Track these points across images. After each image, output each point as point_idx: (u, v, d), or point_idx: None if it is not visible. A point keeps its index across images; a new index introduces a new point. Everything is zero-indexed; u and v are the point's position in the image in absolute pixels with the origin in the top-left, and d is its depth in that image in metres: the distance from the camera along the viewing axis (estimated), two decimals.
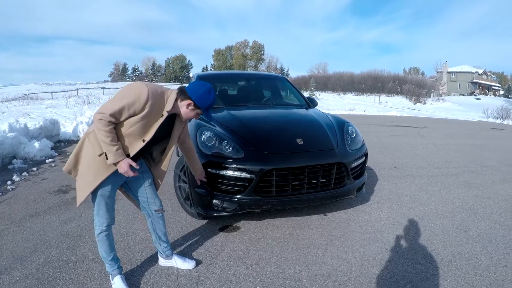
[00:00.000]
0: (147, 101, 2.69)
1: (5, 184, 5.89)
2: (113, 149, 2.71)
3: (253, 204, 4.03)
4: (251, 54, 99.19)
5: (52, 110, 19.25)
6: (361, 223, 4.55)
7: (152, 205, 3.26)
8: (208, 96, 2.87)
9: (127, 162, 2.79)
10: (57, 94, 40.86)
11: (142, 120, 2.75)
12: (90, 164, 2.84)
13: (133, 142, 2.84)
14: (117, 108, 2.66)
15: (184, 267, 3.44)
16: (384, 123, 17.17)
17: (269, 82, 7.32)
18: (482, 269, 3.51)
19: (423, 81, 68.37)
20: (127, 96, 2.68)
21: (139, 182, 3.17)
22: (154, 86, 2.80)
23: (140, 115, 2.72)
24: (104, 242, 3.06)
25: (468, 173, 7.18)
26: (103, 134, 2.68)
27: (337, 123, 4.98)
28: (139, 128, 2.79)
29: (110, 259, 3.12)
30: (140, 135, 2.83)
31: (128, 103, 2.66)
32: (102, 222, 3.00)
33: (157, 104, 2.78)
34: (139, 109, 2.70)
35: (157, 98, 2.77)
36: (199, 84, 2.90)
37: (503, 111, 25.15)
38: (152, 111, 2.75)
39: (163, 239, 3.42)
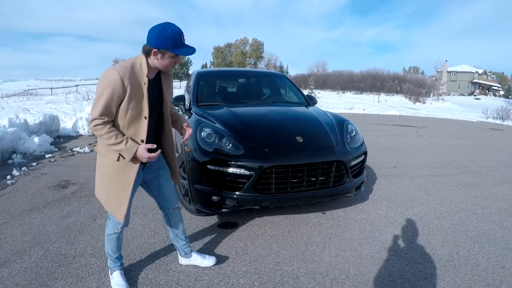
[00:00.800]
0: (123, 82, 2.52)
1: (5, 178, 5.89)
2: (122, 145, 2.61)
3: (252, 201, 4.04)
4: (251, 52, 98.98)
5: (52, 106, 19.22)
6: (359, 222, 4.56)
7: (170, 202, 3.22)
8: (165, 32, 2.55)
9: (143, 147, 2.65)
10: (57, 90, 40.84)
11: (131, 100, 2.60)
12: (115, 171, 2.76)
13: (137, 126, 2.71)
14: (102, 106, 2.53)
15: (205, 264, 3.40)
16: (383, 122, 17.18)
17: (269, 79, 7.31)
18: (480, 270, 3.51)
19: (422, 81, 68.39)
20: (104, 90, 2.52)
21: (157, 180, 3.10)
22: (121, 64, 2.62)
23: (126, 97, 2.57)
24: (114, 242, 3.05)
25: (467, 173, 7.19)
26: (105, 137, 2.59)
27: (337, 122, 4.98)
28: (134, 109, 2.64)
29: (114, 257, 3.11)
30: (139, 115, 2.69)
31: (109, 95, 2.52)
32: (117, 224, 2.94)
33: (135, 77, 2.62)
34: (121, 93, 2.55)
35: (131, 72, 2.59)
36: (152, 29, 2.60)
37: (503, 111, 25.19)
38: (133, 86, 2.60)
39: (180, 236, 3.38)
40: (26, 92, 41.17)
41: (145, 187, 3.14)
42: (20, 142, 7.67)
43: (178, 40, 2.60)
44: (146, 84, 2.66)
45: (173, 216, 3.29)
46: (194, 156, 4.09)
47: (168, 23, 2.60)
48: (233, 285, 3.15)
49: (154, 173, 3.05)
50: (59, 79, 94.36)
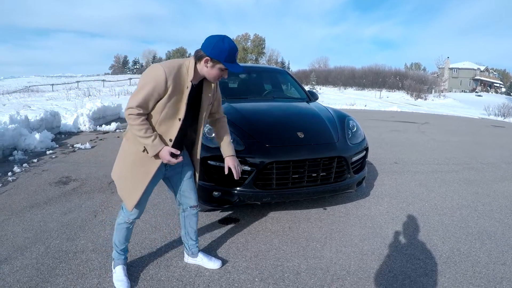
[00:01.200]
0: (167, 80, 2.59)
1: (6, 175, 5.89)
2: (149, 140, 2.65)
3: (253, 196, 4.04)
4: (252, 47, 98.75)
5: (53, 102, 19.23)
6: (360, 218, 4.56)
7: (188, 199, 3.21)
8: (222, 45, 2.61)
9: (167, 150, 2.71)
10: (58, 87, 40.80)
11: (170, 99, 2.66)
12: (137, 161, 2.80)
13: (170, 125, 2.76)
14: (141, 98, 2.59)
15: (210, 266, 3.36)
16: (384, 118, 17.16)
17: (270, 75, 7.29)
18: (480, 266, 3.51)
19: (424, 77, 68.10)
20: (147, 83, 2.59)
21: (179, 175, 3.11)
22: (169, 63, 2.67)
23: (166, 96, 2.64)
24: (123, 232, 3.06)
25: (468, 170, 7.18)
26: (136, 128, 2.63)
27: (338, 117, 4.97)
28: (171, 108, 2.70)
29: (121, 249, 3.12)
30: (174, 115, 2.74)
31: (150, 90, 2.59)
32: (131, 215, 2.97)
33: (179, 79, 2.67)
34: (163, 90, 2.61)
35: (176, 73, 2.65)
36: (211, 38, 2.67)
37: (504, 108, 25.11)
38: (176, 87, 2.65)
39: (192, 236, 3.36)
40: (27, 88, 41.17)
41: (167, 182, 3.17)
42: (21, 138, 7.67)
43: (231, 55, 2.66)
44: (188, 88, 2.71)
45: (190, 215, 3.28)
46: None
47: (227, 37, 2.67)
48: (234, 281, 3.15)
49: (177, 169, 3.07)
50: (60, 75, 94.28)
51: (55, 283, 3.04)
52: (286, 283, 3.15)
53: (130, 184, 2.84)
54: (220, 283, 3.12)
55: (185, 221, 3.30)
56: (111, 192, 5.19)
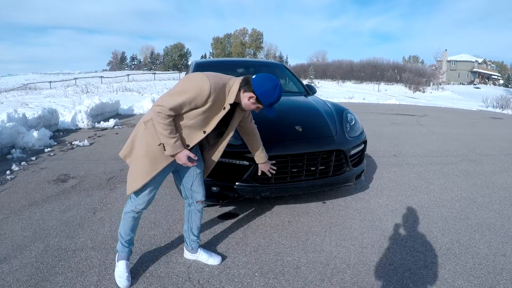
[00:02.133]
0: (209, 96, 2.62)
1: (4, 173, 5.87)
2: (172, 141, 2.69)
3: (252, 191, 4.03)
4: (250, 42, 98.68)
5: (51, 99, 19.19)
6: (360, 211, 4.55)
7: (196, 194, 3.22)
8: (273, 94, 2.72)
9: (186, 153, 2.77)
10: (56, 84, 40.78)
11: (204, 114, 2.70)
12: (149, 153, 2.81)
13: (193, 133, 2.81)
14: (177, 103, 2.61)
15: (210, 262, 3.36)
16: (383, 111, 17.14)
17: (268, 69, 7.26)
18: (480, 258, 3.52)
19: (422, 70, 68.21)
20: (188, 91, 2.61)
21: (189, 169, 3.11)
22: (215, 79, 2.69)
23: (202, 109, 2.67)
24: (130, 222, 3.06)
25: (467, 162, 7.18)
26: (161, 127, 2.65)
27: (336, 111, 4.96)
28: (201, 121, 2.75)
29: (126, 240, 3.12)
30: (201, 127, 2.80)
31: (189, 98, 2.61)
32: (138, 204, 2.98)
33: (220, 97, 2.71)
34: (201, 103, 2.64)
35: (220, 91, 2.69)
36: (266, 79, 2.76)
37: (502, 100, 25.08)
38: (214, 104, 2.69)
39: (194, 232, 3.35)
40: (24, 86, 41.01)
41: (176, 175, 3.18)
42: (19, 137, 7.64)
43: (274, 102, 2.79)
44: (226, 109, 2.78)
45: (195, 210, 3.30)
46: None
47: (279, 86, 2.78)
48: (233, 276, 3.15)
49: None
50: (58, 72, 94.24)
51: (55, 281, 3.04)
52: (286, 277, 3.15)
53: (136, 171, 2.86)
54: (220, 278, 3.12)
55: (190, 216, 3.31)
56: (110, 189, 5.18)
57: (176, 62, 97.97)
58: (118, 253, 3.16)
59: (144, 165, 2.82)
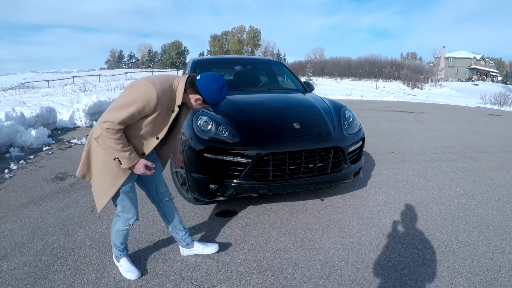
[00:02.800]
0: (158, 103, 2.54)
1: (3, 172, 5.87)
2: (126, 154, 2.60)
3: (250, 188, 4.03)
4: (248, 39, 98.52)
5: (49, 98, 19.08)
6: (358, 208, 4.56)
7: (162, 194, 3.20)
8: (219, 95, 2.68)
9: (142, 163, 2.70)
10: (54, 83, 40.63)
11: (154, 120, 2.64)
12: (106, 169, 2.73)
13: (147, 141, 2.74)
14: (126, 116, 2.50)
15: (207, 251, 3.41)
16: (381, 108, 17.15)
17: (266, 67, 7.27)
18: (479, 255, 3.52)
19: (420, 67, 68.12)
20: (136, 102, 2.51)
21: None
22: (162, 85, 2.60)
23: (152, 116, 2.60)
24: (124, 236, 3.07)
25: (466, 159, 7.19)
26: (113, 143, 2.55)
27: (334, 108, 4.96)
28: (152, 128, 2.68)
29: (121, 248, 3.13)
30: (154, 134, 2.72)
31: (138, 109, 2.52)
32: (129, 218, 2.96)
33: (168, 101, 2.64)
34: (150, 112, 2.57)
35: (167, 95, 2.62)
36: (211, 80, 2.68)
37: (500, 97, 25.05)
38: (163, 109, 2.63)
39: (179, 227, 3.34)
40: (22, 85, 40.84)
41: (139, 180, 3.12)
42: (17, 135, 7.63)
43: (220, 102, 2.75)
44: (175, 112, 2.72)
45: (167, 207, 3.27)
46: (190, 145, 4.07)
47: (226, 86, 2.73)
48: (232, 273, 3.15)
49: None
50: (55, 71, 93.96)
51: (53, 279, 3.04)
52: (285, 274, 3.15)
53: (99, 189, 2.81)
54: (218, 275, 3.12)
55: (167, 215, 3.29)
56: None
57: (174, 60, 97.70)
58: (116, 257, 3.18)
59: (105, 181, 2.76)
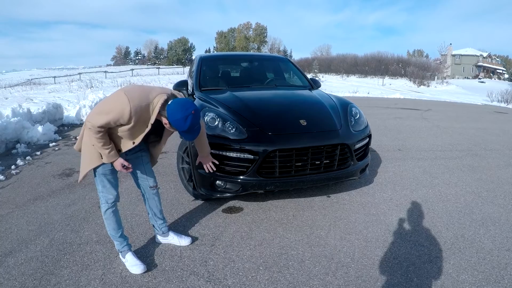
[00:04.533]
0: (131, 117, 2.72)
1: (9, 168, 5.90)
2: (106, 151, 2.87)
3: (256, 185, 4.03)
4: (254, 36, 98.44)
5: (55, 94, 19.16)
6: (364, 205, 4.55)
7: (147, 181, 3.35)
8: (183, 124, 2.70)
9: (120, 162, 2.96)
10: (60, 79, 40.70)
11: (130, 130, 2.83)
12: (88, 149, 2.97)
13: (124, 142, 2.96)
14: (104, 122, 2.72)
15: (181, 243, 3.54)
16: (387, 105, 17.07)
17: (272, 63, 7.27)
18: (485, 252, 3.51)
19: (427, 64, 67.70)
20: (111, 112, 2.71)
21: (138, 160, 3.25)
22: (139, 102, 2.73)
23: (127, 126, 2.79)
24: (111, 219, 3.14)
25: (472, 156, 7.15)
26: (95, 140, 2.81)
27: (341, 105, 4.94)
28: (128, 135, 2.88)
29: (118, 236, 3.19)
30: (130, 139, 2.93)
31: (113, 119, 2.72)
32: (107, 199, 3.09)
33: (143, 116, 2.79)
34: (125, 123, 2.76)
35: (142, 112, 2.76)
36: (179, 108, 2.71)
37: (507, 95, 24.87)
38: (138, 123, 2.79)
39: (158, 216, 3.51)
40: (29, 81, 41.04)
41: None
42: (24, 131, 7.67)
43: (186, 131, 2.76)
44: (148, 128, 2.87)
45: (151, 195, 3.43)
46: None
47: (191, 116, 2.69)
48: (238, 270, 3.16)
49: (136, 154, 3.21)
50: (62, 67, 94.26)
51: (60, 275, 3.06)
52: (291, 271, 3.15)
53: (84, 159, 3.02)
54: (224, 272, 3.13)
55: (149, 203, 3.46)
56: None
57: (180, 57, 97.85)
58: (120, 252, 3.24)
59: (86, 158, 3.00)
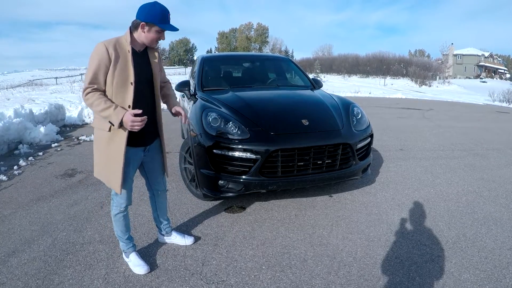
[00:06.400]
0: (108, 50, 2.72)
1: (12, 168, 5.92)
2: (111, 109, 2.71)
3: (259, 184, 4.04)
4: (255, 36, 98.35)
5: (57, 95, 19.15)
6: (366, 204, 4.56)
7: (158, 184, 3.36)
8: (154, 9, 2.77)
9: (129, 113, 2.73)
10: (62, 80, 40.69)
11: (116, 66, 2.76)
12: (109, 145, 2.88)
13: (124, 91, 2.82)
14: (91, 74, 2.72)
15: (183, 243, 3.54)
16: (389, 105, 17.08)
17: (274, 63, 7.27)
18: (487, 252, 3.51)
19: (428, 64, 67.69)
20: (91, 61, 2.74)
21: (153, 162, 3.25)
22: (109, 39, 2.82)
23: (111, 64, 2.74)
24: (121, 222, 3.14)
25: (474, 156, 7.15)
26: (96, 104, 2.72)
27: (343, 104, 4.95)
28: (120, 75, 2.78)
29: (125, 238, 3.21)
30: (126, 81, 2.81)
31: (96, 65, 2.72)
32: (121, 203, 3.07)
33: (119, 47, 2.80)
34: (107, 60, 2.73)
35: (116, 43, 2.79)
36: (143, 5, 2.83)
37: (509, 94, 24.84)
38: (118, 54, 2.77)
39: (164, 217, 3.53)
40: (31, 82, 41.09)
41: (141, 167, 3.25)
42: (26, 132, 7.68)
43: (165, 17, 2.82)
44: (130, 52, 2.82)
45: (160, 197, 3.44)
46: (200, 141, 4.09)
47: (157, 2, 2.83)
48: (241, 269, 3.17)
49: (153, 155, 3.21)
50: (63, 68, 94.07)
51: (63, 274, 3.07)
52: (293, 270, 3.16)
53: (109, 166, 2.94)
54: (227, 271, 3.13)
55: (157, 204, 3.46)
56: None
57: (182, 57, 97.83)
58: (124, 252, 3.24)
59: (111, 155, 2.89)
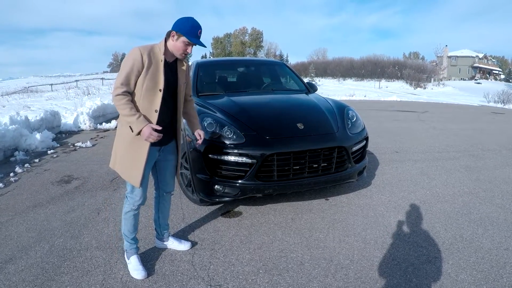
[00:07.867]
0: (142, 56, 2.86)
1: (8, 176, 5.90)
2: (134, 118, 2.83)
3: (255, 188, 4.05)
4: (250, 41, 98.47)
5: (52, 102, 19.15)
6: (362, 207, 4.57)
7: (167, 186, 3.42)
8: (186, 22, 2.94)
9: (149, 126, 2.86)
10: (57, 86, 40.68)
11: (148, 72, 2.89)
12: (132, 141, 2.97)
13: (152, 96, 2.95)
14: (123, 76, 2.84)
15: (180, 248, 3.55)
16: (384, 108, 17.13)
17: (269, 68, 7.30)
18: (483, 252, 3.53)
19: (423, 66, 68.05)
20: (126, 64, 2.87)
21: (166, 164, 3.31)
22: (144, 45, 2.97)
23: (144, 70, 2.87)
24: (131, 221, 3.20)
25: (469, 157, 7.18)
26: (122, 108, 2.84)
27: (337, 108, 4.97)
28: (150, 81, 2.91)
29: (131, 238, 3.24)
30: (155, 87, 2.94)
31: (129, 68, 2.85)
32: (135, 201, 3.13)
33: (153, 54, 2.94)
34: (140, 66, 2.86)
35: (150, 50, 2.93)
36: (179, 18, 3.00)
37: (504, 95, 25.00)
38: (151, 61, 2.91)
39: (165, 221, 3.55)
40: (26, 89, 41.08)
41: (153, 168, 3.31)
42: (22, 139, 7.66)
43: (194, 31, 2.94)
44: (162, 61, 2.97)
45: (164, 200, 3.49)
46: (195, 146, 4.09)
47: (192, 18, 2.99)
48: (238, 273, 3.17)
49: (167, 156, 3.26)
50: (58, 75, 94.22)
51: (60, 281, 3.06)
52: (290, 273, 3.17)
53: (131, 161, 3.02)
54: (224, 275, 3.14)
55: (160, 206, 3.50)
56: (114, 189, 5.21)
57: None
58: (126, 252, 3.26)
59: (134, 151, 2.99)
